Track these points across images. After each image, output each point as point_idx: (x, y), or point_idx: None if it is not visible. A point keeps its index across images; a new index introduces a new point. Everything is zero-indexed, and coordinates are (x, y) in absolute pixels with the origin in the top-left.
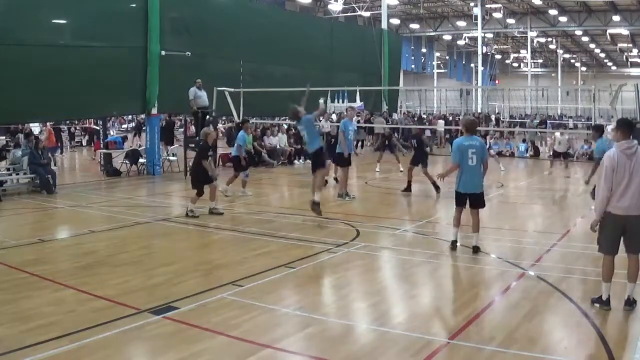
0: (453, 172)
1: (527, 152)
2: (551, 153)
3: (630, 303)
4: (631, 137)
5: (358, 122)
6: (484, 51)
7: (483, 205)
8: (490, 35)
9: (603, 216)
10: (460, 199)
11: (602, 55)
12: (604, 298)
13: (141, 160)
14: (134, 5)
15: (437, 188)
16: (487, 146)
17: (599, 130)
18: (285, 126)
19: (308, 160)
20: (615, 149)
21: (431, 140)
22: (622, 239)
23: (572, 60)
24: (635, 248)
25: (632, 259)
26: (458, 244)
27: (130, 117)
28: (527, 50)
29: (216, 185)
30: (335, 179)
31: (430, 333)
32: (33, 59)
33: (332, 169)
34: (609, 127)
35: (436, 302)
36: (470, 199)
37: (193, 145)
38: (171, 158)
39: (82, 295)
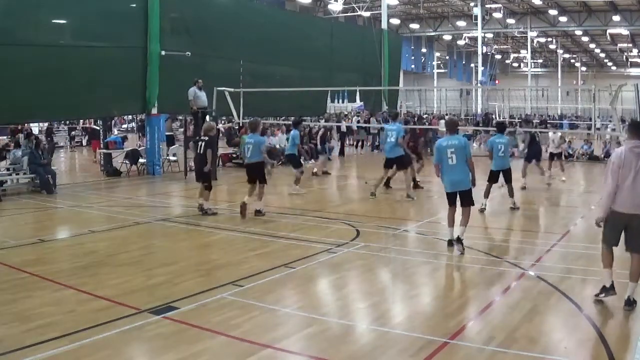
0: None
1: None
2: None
3: (630, 303)
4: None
5: (358, 122)
6: (484, 51)
7: (472, 203)
8: (490, 35)
9: (609, 213)
10: (450, 198)
11: (602, 55)
12: (607, 286)
13: (141, 160)
14: (134, 5)
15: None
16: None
17: (499, 126)
18: (285, 126)
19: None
20: (624, 147)
21: (432, 141)
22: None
23: (572, 60)
24: (637, 246)
25: (635, 258)
26: (454, 242)
27: (129, 117)
28: (527, 50)
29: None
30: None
31: (430, 333)
32: (33, 59)
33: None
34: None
35: (436, 302)
36: (460, 197)
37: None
38: (171, 158)
39: (82, 295)
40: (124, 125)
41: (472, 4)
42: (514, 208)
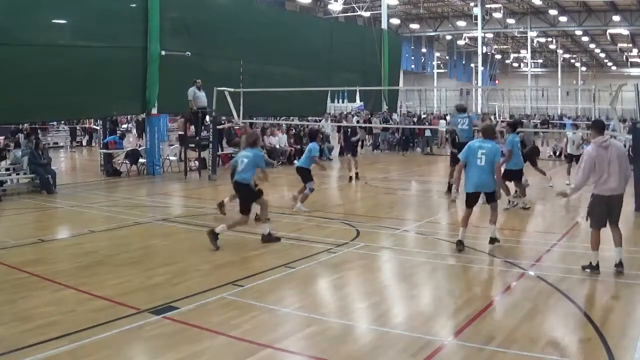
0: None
1: None
2: (563, 156)
3: (620, 265)
4: (604, 133)
5: (357, 122)
6: (484, 51)
7: (496, 198)
8: (490, 35)
9: (592, 199)
10: (470, 199)
11: (602, 55)
12: (593, 264)
13: (141, 160)
14: (134, 5)
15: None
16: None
17: (512, 125)
18: (285, 126)
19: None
20: (593, 145)
21: (431, 141)
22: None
23: (572, 60)
24: (616, 220)
25: (615, 229)
26: (465, 244)
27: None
28: (527, 50)
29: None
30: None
31: (430, 333)
32: (33, 59)
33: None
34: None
35: (436, 302)
36: (486, 196)
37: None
38: (171, 158)
39: (82, 295)
40: (124, 125)
41: (472, 4)
42: (525, 208)
